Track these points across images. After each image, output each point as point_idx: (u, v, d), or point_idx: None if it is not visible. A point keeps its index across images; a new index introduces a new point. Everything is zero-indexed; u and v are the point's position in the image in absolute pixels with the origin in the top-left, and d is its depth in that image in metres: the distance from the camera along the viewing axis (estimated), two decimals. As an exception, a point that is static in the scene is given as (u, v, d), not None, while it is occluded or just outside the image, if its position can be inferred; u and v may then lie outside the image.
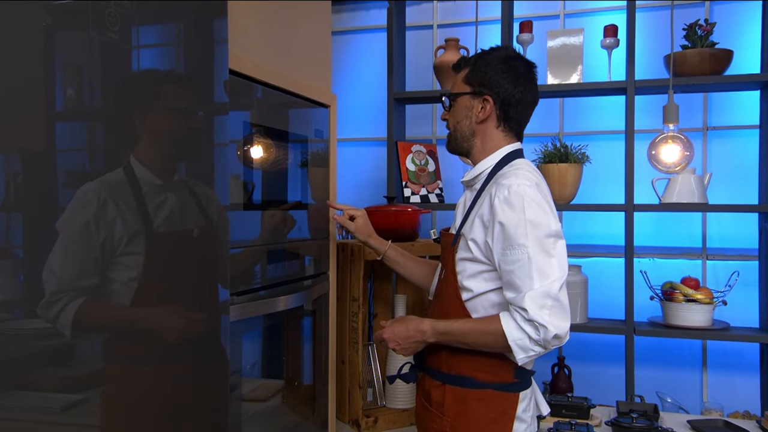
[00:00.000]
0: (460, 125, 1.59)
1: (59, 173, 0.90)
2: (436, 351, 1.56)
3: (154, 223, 1.02)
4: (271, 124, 1.73)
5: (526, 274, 1.35)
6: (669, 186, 2.47)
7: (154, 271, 1.01)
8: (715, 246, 2.74)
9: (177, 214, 1.08)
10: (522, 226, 1.37)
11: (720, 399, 2.55)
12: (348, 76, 3.23)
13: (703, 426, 1.93)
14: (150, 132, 1.04)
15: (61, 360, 0.91)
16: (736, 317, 2.53)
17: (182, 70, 1.23)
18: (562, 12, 2.93)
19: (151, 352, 1.04)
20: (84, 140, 0.96)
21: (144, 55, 1.09)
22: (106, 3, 0.98)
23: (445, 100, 1.63)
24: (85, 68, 0.97)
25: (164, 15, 1.16)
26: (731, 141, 2.72)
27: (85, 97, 0.97)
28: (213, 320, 1.24)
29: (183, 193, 1.11)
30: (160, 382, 1.07)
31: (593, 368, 2.80)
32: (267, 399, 1.77)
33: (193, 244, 1.15)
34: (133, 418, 1.03)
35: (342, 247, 2.15)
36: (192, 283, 1.14)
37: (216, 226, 1.22)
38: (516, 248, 1.37)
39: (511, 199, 1.39)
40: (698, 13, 2.72)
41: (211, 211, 1.21)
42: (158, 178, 1.04)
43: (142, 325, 1.01)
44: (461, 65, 1.62)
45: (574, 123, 2.93)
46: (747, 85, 2.47)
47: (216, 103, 1.32)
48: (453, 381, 1.52)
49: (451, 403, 1.51)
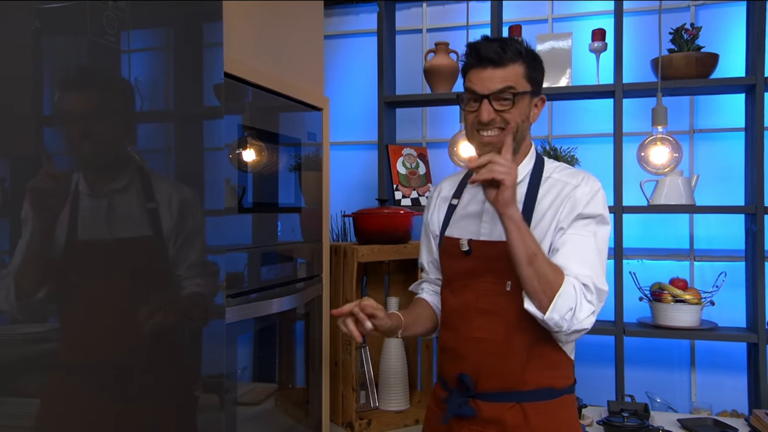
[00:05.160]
0: (523, 125, 1.45)
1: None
2: (496, 372, 1.42)
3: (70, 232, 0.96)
4: (264, 127, 1.73)
5: (588, 260, 1.36)
6: (657, 188, 2.50)
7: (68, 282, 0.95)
8: (702, 247, 2.78)
9: (102, 223, 1.01)
10: (601, 222, 1.40)
11: (708, 398, 2.58)
12: (339, 79, 3.24)
13: (693, 425, 1.96)
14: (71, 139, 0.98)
15: (41, 366, 0.90)
16: (724, 317, 2.56)
17: (174, 73, 1.24)
18: (551, 16, 2.97)
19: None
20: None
21: (136, 58, 1.09)
22: (104, 4, 0.98)
23: (513, 88, 1.41)
24: (79, 70, 0.97)
25: (159, 18, 1.17)
26: (718, 143, 2.76)
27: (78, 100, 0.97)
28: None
29: (120, 202, 1.05)
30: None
31: (584, 369, 2.81)
32: (260, 402, 1.77)
33: (120, 253, 1.05)
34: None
35: (335, 249, 2.16)
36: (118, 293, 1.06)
37: (171, 232, 1.16)
38: (590, 238, 1.38)
39: (594, 195, 1.41)
40: (684, 17, 2.76)
41: (167, 216, 1.14)
42: (88, 187, 0.98)
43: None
44: (506, 59, 1.41)
45: (563, 126, 2.96)
46: (732, 88, 2.51)
47: (209, 107, 1.33)
48: (532, 396, 1.41)
49: (540, 421, 1.40)
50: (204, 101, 1.32)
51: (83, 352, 0.98)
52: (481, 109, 1.41)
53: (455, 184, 1.61)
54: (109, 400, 1.02)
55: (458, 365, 1.45)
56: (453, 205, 1.56)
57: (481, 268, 1.43)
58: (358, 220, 2.24)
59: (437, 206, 1.61)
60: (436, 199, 1.63)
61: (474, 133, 1.45)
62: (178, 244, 1.17)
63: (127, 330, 1.06)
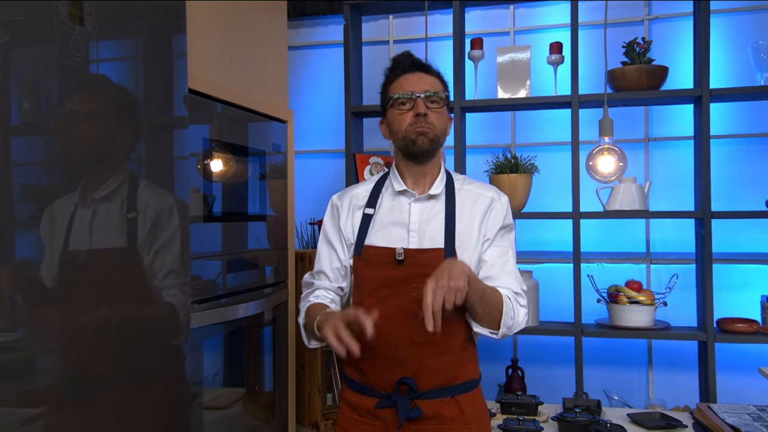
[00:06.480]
0: (446, 130, 1.57)
1: (14, 187, 0.93)
2: (435, 372, 1.49)
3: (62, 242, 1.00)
4: (230, 139, 1.79)
5: (511, 269, 1.54)
6: (612, 194, 2.62)
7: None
8: (658, 251, 2.90)
9: (84, 233, 1.03)
10: (512, 230, 1.59)
11: (664, 395, 2.70)
12: (308, 89, 3.31)
13: (641, 418, 2.06)
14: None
15: (19, 374, 0.92)
16: (677, 317, 2.68)
17: (142, 84, 1.28)
18: (512, 29, 3.07)
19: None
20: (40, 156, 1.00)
21: (103, 69, 1.12)
22: (71, 28, 1.04)
23: (439, 93, 1.53)
24: (45, 88, 1.01)
25: (124, 30, 1.20)
26: (671, 151, 2.89)
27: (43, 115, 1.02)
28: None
29: (99, 212, 1.07)
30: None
31: (546, 370, 2.92)
32: (229, 406, 1.83)
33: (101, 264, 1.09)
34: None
35: (300, 256, 2.22)
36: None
37: (144, 242, 1.16)
38: (508, 248, 1.56)
39: (508, 207, 1.59)
40: (639, 30, 2.88)
41: (142, 226, 1.16)
42: (77, 196, 1.02)
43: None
44: (430, 69, 1.58)
45: (524, 135, 3.06)
46: (681, 99, 2.64)
47: (175, 117, 1.38)
48: (463, 389, 1.52)
49: (470, 410, 1.51)
50: (174, 111, 1.36)
51: (59, 360, 1.00)
52: (417, 104, 1.51)
53: (367, 193, 1.62)
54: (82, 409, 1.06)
55: (396, 371, 1.49)
56: (368, 215, 1.58)
57: (414, 274, 1.47)
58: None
59: (350, 215, 1.60)
60: (348, 207, 1.61)
61: (408, 132, 1.52)
62: (151, 254, 1.18)
63: (102, 339, 1.08)
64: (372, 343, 1.39)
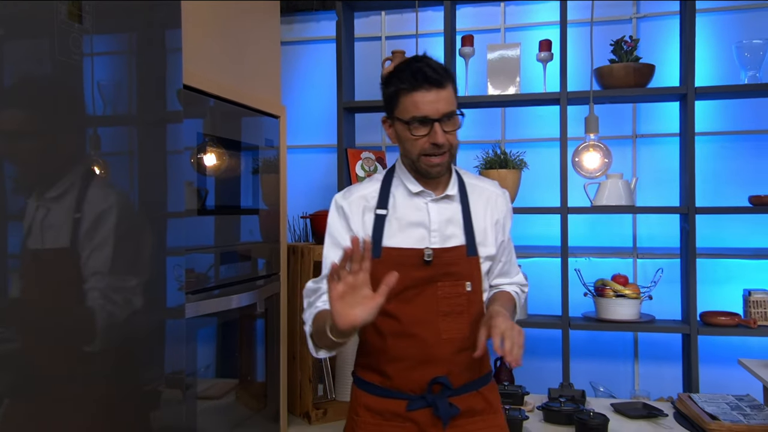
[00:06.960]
0: (457, 142, 1.50)
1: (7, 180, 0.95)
2: (466, 367, 1.51)
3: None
4: (224, 133, 1.83)
5: (515, 260, 1.69)
6: (599, 190, 2.67)
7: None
8: (644, 245, 2.96)
9: (38, 233, 1.03)
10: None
11: (649, 387, 2.75)
12: (300, 85, 3.34)
13: (623, 408, 2.12)
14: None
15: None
16: (662, 311, 2.74)
17: (136, 79, 1.31)
18: (503, 26, 3.11)
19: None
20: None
21: (98, 63, 1.15)
22: (69, 26, 1.07)
23: (460, 119, 1.48)
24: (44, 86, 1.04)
25: (119, 25, 1.22)
26: (657, 148, 2.94)
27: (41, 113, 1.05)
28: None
29: (52, 212, 1.07)
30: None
31: (534, 362, 2.97)
32: (221, 396, 1.86)
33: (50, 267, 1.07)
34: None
35: (292, 249, 2.26)
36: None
37: (83, 241, 1.14)
38: (509, 241, 1.66)
39: (509, 200, 1.66)
40: (627, 29, 2.93)
41: (84, 225, 1.14)
42: (35, 196, 1.03)
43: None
44: (444, 81, 1.45)
45: (514, 131, 3.11)
46: (667, 96, 2.69)
47: (169, 112, 1.41)
48: (485, 381, 1.58)
49: (495, 399, 1.59)
50: (167, 106, 1.39)
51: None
52: (436, 133, 1.42)
53: (376, 193, 1.56)
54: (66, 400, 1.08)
55: (427, 371, 1.48)
56: (381, 215, 1.52)
57: (439, 273, 1.48)
58: (315, 221, 2.35)
59: (362, 216, 1.54)
60: (359, 208, 1.55)
61: (420, 158, 1.47)
62: (85, 255, 1.14)
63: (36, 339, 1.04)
64: (399, 345, 1.48)
